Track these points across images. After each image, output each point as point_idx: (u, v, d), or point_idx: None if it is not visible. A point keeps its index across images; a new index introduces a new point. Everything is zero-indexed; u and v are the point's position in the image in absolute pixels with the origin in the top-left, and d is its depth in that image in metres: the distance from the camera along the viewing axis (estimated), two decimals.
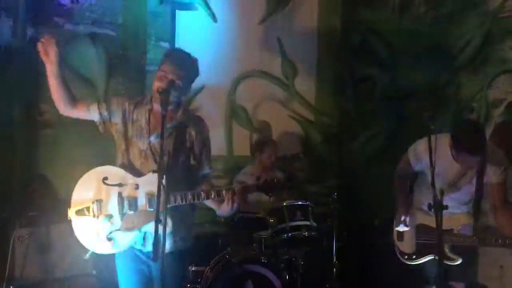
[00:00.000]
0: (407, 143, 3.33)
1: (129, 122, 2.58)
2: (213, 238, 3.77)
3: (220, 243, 3.81)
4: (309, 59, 4.75)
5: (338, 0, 4.67)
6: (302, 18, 4.70)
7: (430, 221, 3.13)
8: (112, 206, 2.46)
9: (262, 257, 3.42)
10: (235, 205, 2.44)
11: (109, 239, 2.44)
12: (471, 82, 4.25)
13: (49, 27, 4.06)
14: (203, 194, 2.45)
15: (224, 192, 2.44)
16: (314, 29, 4.70)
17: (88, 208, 2.46)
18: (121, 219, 2.45)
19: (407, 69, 4.68)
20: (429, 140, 2.62)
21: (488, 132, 3.96)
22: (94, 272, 3.24)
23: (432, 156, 2.68)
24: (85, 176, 2.52)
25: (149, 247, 2.48)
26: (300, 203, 3.70)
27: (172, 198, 2.38)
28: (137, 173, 2.50)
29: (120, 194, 2.46)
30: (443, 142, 2.96)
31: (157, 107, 2.54)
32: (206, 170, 2.67)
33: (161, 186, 2.17)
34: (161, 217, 2.15)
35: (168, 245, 2.53)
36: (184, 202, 2.43)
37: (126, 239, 2.46)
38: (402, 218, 3.17)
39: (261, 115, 4.69)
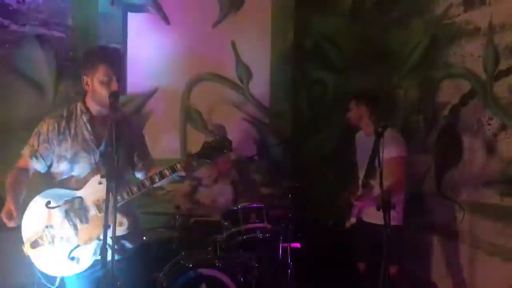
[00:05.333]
0: None
1: (66, 141, 2.47)
2: (168, 243, 3.73)
3: (175, 248, 3.78)
4: (263, 62, 4.78)
5: (291, 4, 4.73)
6: (255, 21, 4.73)
7: None
8: (64, 226, 2.40)
9: (216, 261, 3.40)
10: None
11: (72, 259, 2.38)
12: (419, 86, 4.41)
13: None
14: (147, 182, 2.42)
15: (167, 172, 2.43)
16: (268, 33, 4.74)
17: (41, 237, 2.40)
18: (77, 235, 2.40)
19: (358, 72, 4.80)
20: (379, 152, 2.89)
21: (435, 134, 4.13)
22: (40, 281, 3.13)
23: (380, 157, 2.84)
24: (29, 209, 2.43)
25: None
26: (254, 205, 3.71)
27: (119, 197, 2.34)
28: (77, 187, 2.45)
29: (67, 212, 2.41)
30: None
31: (96, 111, 2.49)
32: (140, 166, 2.63)
33: (110, 192, 2.12)
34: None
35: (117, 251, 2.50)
36: (131, 196, 2.41)
37: (88, 254, 2.40)
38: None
39: (215, 118, 4.68)
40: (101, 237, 2.31)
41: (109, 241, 2.10)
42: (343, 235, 3.95)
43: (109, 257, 2.10)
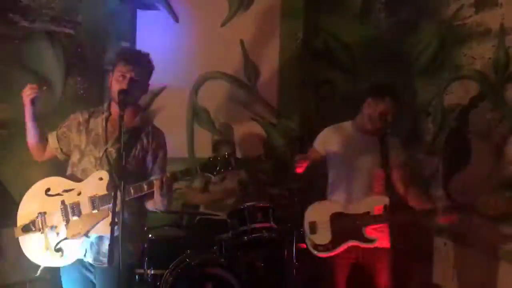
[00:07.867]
0: None
1: (82, 133, 2.55)
2: (173, 241, 3.73)
3: (180, 246, 3.78)
4: (271, 61, 4.76)
5: (300, 4, 4.71)
6: (264, 20, 4.71)
7: (342, 208, 3.25)
8: (57, 216, 2.41)
9: (222, 260, 3.40)
10: (164, 193, 2.32)
11: (58, 251, 2.38)
12: (428, 87, 4.38)
13: (3, 24, 3.93)
14: (132, 189, 2.36)
15: (154, 181, 2.37)
16: (276, 32, 4.72)
17: (33, 223, 2.41)
18: (66, 228, 2.39)
19: (367, 73, 4.78)
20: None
21: (443, 136, 4.11)
22: (48, 276, 3.14)
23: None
24: (29, 191, 2.49)
25: (88, 257, 2.45)
26: (261, 205, 3.71)
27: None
28: (79, 179, 2.47)
29: (63, 203, 2.41)
30: (346, 128, 3.33)
31: (116, 112, 2.51)
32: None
33: (118, 190, 2.13)
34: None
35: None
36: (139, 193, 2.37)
37: (74, 248, 2.40)
38: None
39: (223, 117, 4.68)
40: (90, 233, 2.36)
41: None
42: None
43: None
